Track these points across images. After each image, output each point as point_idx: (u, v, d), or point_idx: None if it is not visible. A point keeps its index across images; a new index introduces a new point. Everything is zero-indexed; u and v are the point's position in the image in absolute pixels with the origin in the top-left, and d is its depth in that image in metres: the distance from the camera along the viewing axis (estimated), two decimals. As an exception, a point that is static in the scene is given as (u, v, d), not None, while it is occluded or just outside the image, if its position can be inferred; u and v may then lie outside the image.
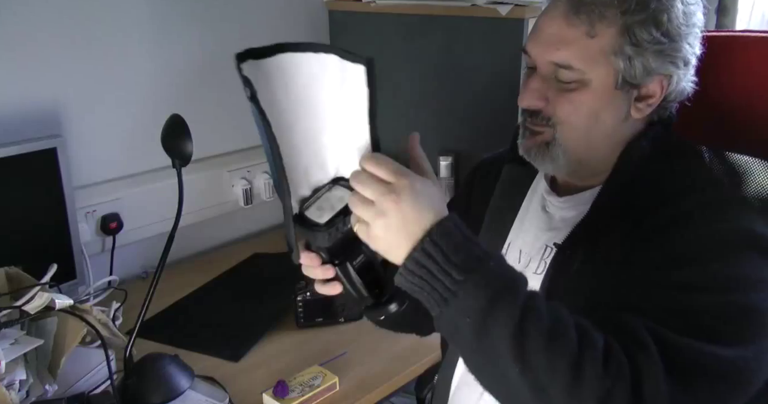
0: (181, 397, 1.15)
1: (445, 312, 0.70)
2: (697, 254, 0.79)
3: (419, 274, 0.70)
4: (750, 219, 0.82)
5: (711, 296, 0.75)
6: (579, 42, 0.85)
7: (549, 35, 0.88)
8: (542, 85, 0.89)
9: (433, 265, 0.69)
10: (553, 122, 0.88)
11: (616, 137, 0.91)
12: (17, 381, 1.05)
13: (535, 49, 0.89)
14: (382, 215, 0.70)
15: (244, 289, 1.63)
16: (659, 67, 0.87)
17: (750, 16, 1.95)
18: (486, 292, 0.68)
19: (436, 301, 0.70)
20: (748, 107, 0.99)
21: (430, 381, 1.38)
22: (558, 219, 0.96)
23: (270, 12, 1.86)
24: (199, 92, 1.75)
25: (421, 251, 0.69)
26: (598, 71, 0.86)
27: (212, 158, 1.81)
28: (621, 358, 0.67)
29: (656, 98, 0.90)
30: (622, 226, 0.86)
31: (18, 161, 1.31)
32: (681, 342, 0.70)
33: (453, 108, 1.78)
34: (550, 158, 0.90)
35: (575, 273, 0.89)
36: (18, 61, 1.43)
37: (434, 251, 0.69)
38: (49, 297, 1.10)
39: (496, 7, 1.59)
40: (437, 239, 0.69)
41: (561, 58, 0.86)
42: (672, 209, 0.84)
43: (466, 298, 0.68)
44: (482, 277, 0.68)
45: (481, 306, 0.67)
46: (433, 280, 0.69)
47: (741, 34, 1.05)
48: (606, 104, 0.88)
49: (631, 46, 0.85)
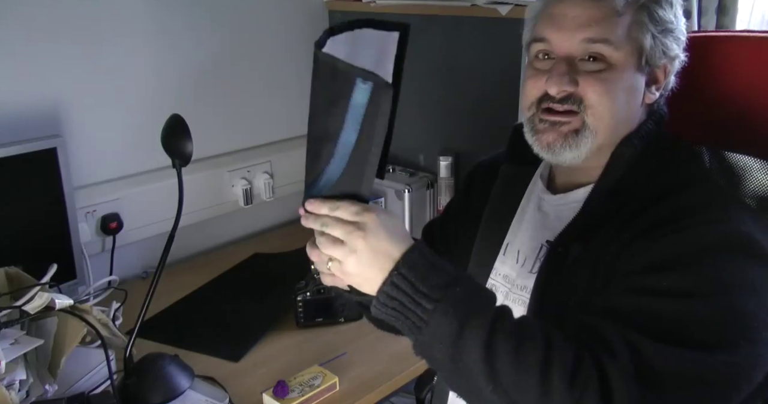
0: (181, 397, 1.15)
1: (419, 339, 0.73)
2: (682, 258, 0.78)
3: (392, 306, 0.73)
4: (740, 220, 0.82)
5: (693, 300, 0.74)
6: (609, 19, 0.85)
7: (576, 17, 0.86)
8: (569, 69, 0.86)
9: (403, 297, 0.72)
10: (584, 106, 0.86)
11: (631, 123, 0.91)
12: (17, 381, 1.05)
13: (559, 34, 0.87)
14: (353, 252, 0.73)
15: (244, 289, 1.63)
16: (672, 49, 0.88)
17: (750, 16, 1.95)
18: (454, 319, 0.70)
19: (410, 329, 0.73)
20: (747, 107, 0.99)
21: (429, 382, 1.38)
22: (553, 218, 0.96)
23: (270, 12, 1.86)
24: (199, 92, 1.75)
25: (391, 284, 0.72)
26: (625, 50, 0.86)
27: (212, 158, 1.81)
28: (589, 369, 0.69)
29: (661, 84, 0.91)
30: (613, 223, 0.86)
31: (18, 161, 1.31)
32: (656, 348, 0.70)
33: (453, 108, 1.78)
34: (576, 147, 0.88)
35: (567, 270, 0.89)
36: (18, 61, 1.43)
37: (403, 283, 0.72)
38: (49, 297, 1.10)
39: (496, 7, 1.59)
40: (404, 272, 0.72)
41: (597, 33, 0.85)
42: (662, 208, 0.84)
43: (437, 326, 0.71)
44: (450, 304, 0.71)
45: (452, 331, 0.70)
46: (405, 310, 0.72)
47: (741, 34, 1.05)
48: (630, 85, 0.88)
49: (653, 24, 0.86)
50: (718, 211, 0.83)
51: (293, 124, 1.99)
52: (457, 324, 0.70)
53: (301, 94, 1.98)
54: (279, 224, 2.05)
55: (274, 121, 1.95)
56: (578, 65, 0.87)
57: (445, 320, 0.70)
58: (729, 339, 0.73)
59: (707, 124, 1.01)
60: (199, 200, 1.77)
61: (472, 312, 0.71)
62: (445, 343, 0.71)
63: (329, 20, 1.99)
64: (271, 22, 1.87)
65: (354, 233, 0.73)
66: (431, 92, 1.81)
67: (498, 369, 0.69)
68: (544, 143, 0.90)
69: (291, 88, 1.96)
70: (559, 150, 0.89)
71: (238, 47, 1.82)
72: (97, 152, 1.59)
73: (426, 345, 0.73)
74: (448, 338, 0.70)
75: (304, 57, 1.97)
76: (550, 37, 0.88)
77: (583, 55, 0.86)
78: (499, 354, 0.69)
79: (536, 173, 1.04)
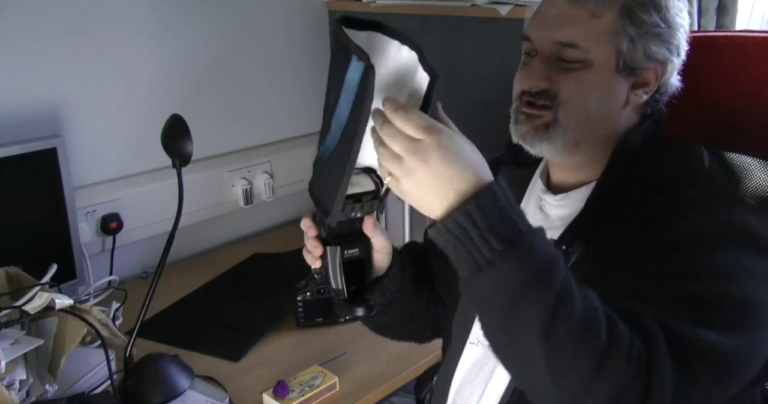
0: (181, 397, 1.15)
1: (476, 278, 0.68)
2: (688, 244, 0.79)
3: (456, 234, 0.67)
4: (743, 212, 0.83)
5: (708, 284, 0.75)
6: (584, 21, 0.87)
7: (553, 16, 0.89)
8: (545, 67, 0.89)
9: (473, 230, 0.66)
10: (557, 101, 0.88)
11: (613, 124, 0.91)
12: (17, 381, 1.05)
13: (537, 32, 0.90)
14: (410, 173, 0.69)
15: (244, 289, 1.63)
16: (658, 53, 0.88)
17: (750, 16, 1.95)
18: (523, 269, 0.66)
19: (468, 265, 0.68)
20: (747, 107, 0.99)
21: (429, 382, 1.38)
22: (555, 218, 0.96)
23: (270, 12, 1.86)
24: (199, 92, 1.75)
25: (464, 213, 0.66)
26: (601, 51, 0.87)
27: (212, 158, 1.81)
28: (641, 355, 0.66)
29: (651, 87, 0.91)
30: (615, 221, 0.87)
31: (18, 161, 1.31)
32: (684, 330, 0.70)
33: (453, 108, 1.78)
34: (547, 140, 0.90)
35: (571, 267, 0.89)
36: (18, 61, 1.43)
37: (478, 216, 0.66)
38: (49, 297, 1.10)
39: (496, 7, 1.59)
40: (483, 203, 0.67)
41: (566, 36, 0.87)
42: (663, 200, 0.85)
43: (502, 271, 0.66)
44: (523, 252, 0.66)
45: (517, 282, 0.65)
46: (470, 244, 0.67)
47: (741, 34, 1.05)
48: (607, 86, 0.89)
49: (633, 27, 0.86)
50: (721, 204, 0.85)
51: (293, 124, 1.99)
52: (526, 277, 0.65)
53: (301, 94, 2.00)
54: (279, 224, 2.05)
55: (274, 121, 1.95)
56: (556, 62, 0.89)
57: (514, 268, 0.66)
58: (743, 323, 0.73)
59: (707, 124, 1.01)
60: (199, 200, 1.77)
61: (543, 270, 0.67)
62: (505, 294, 0.66)
63: (329, 20, 1.99)
64: (271, 22, 1.87)
65: (413, 154, 0.68)
66: (431, 92, 1.81)
67: (558, 331, 0.64)
68: (519, 133, 0.93)
69: (291, 88, 1.96)
70: (531, 141, 0.91)
71: (238, 47, 1.82)
72: (97, 152, 1.59)
73: (482, 286, 0.68)
74: (512, 289, 0.66)
75: (303, 57, 1.97)
76: (532, 36, 0.91)
77: (556, 56, 0.88)
78: (564, 317, 0.65)
79: (535, 173, 1.04)
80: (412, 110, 0.70)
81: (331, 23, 1.99)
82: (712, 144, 1.02)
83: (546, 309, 0.65)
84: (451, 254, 0.69)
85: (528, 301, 0.65)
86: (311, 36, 1.97)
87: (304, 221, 0.87)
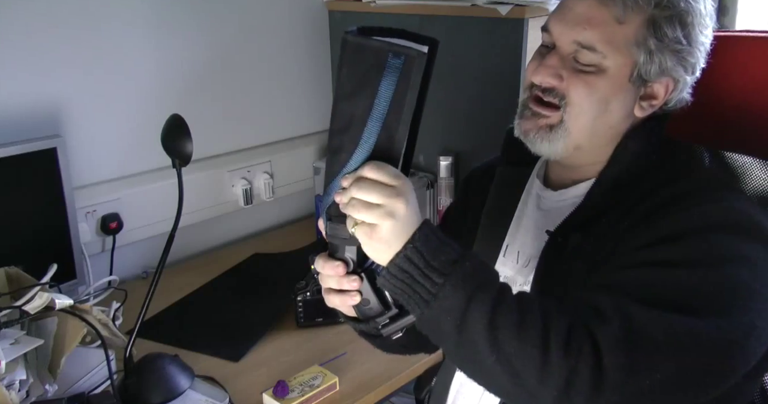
0: (181, 397, 1.15)
1: (426, 312, 0.73)
2: (676, 234, 0.80)
3: (401, 278, 0.73)
4: (738, 200, 0.84)
5: (686, 270, 0.76)
6: (607, 26, 0.85)
7: (577, 14, 0.87)
8: (559, 64, 0.88)
9: (414, 270, 0.73)
10: (564, 102, 0.88)
11: (616, 130, 0.92)
12: (17, 381, 1.05)
13: (558, 27, 0.89)
14: (391, 216, 0.72)
15: (244, 289, 1.63)
16: (672, 69, 0.88)
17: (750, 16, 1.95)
18: (463, 292, 0.72)
19: (417, 303, 0.74)
20: (747, 107, 0.99)
21: (428, 383, 1.38)
22: (554, 215, 0.96)
23: (270, 12, 1.86)
24: (199, 92, 1.75)
25: (404, 257, 0.73)
26: (618, 59, 0.86)
27: (212, 158, 1.81)
28: (582, 337, 0.70)
29: (659, 101, 0.91)
30: (613, 214, 0.88)
31: (18, 161, 1.31)
32: (647, 313, 0.72)
33: (453, 108, 1.78)
34: (549, 141, 0.90)
35: (566, 259, 0.90)
36: (18, 61, 1.43)
37: (416, 257, 0.73)
38: (49, 297, 1.10)
39: (496, 7, 1.59)
40: (419, 246, 0.73)
41: (586, 38, 0.86)
42: (660, 195, 0.86)
43: (446, 299, 0.72)
44: (459, 278, 0.72)
45: (460, 304, 0.72)
46: (414, 284, 0.73)
47: (741, 34, 1.05)
48: (617, 94, 0.88)
49: (655, 40, 0.86)
50: (717, 193, 0.86)
51: (293, 124, 1.99)
52: (465, 298, 0.72)
53: (302, 94, 2.00)
54: (279, 224, 2.05)
55: (274, 121, 1.95)
56: (571, 61, 0.88)
57: (455, 293, 0.72)
58: (721, 308, 0.74)
59: (707, 124, 1.01)
60: (199, 200, 1.77)
61: (479, 286, 0.73)
62: (453, 315, 0.72)
63: (329, 20, 1.99)
64: (271, 23, 1.87)
65: (395, 198, 0.72)
66: (431, 92, 1.81)
67: (501, 340, 0.71)
68: (521, 129, 0.93)
69: (291, 88, 1.96)
70: (533, 139, 0.91)
71: (238, 47, 1.82)
72: (97, 152, 1.59)
73: (432, 317, 0.73)
74: (457, 311, 0.72)
75: (303, 57, 1.97)
76: (552, 29, 0.90)
77: (572, 55, 0.88)
78: (502, 325, 0.71)
79: (533, 172, 1.04)
80: (381, 163, 0.74)
81: (331, 23, 1.99)
82: (712, 144, 1.02)
83: (487, 322, 0.71)
84: (400, 297, 0.76)
85: (471, 319, 0.71)
86: (311, 36, 1.97)
87: (328, 263, 0.80)
